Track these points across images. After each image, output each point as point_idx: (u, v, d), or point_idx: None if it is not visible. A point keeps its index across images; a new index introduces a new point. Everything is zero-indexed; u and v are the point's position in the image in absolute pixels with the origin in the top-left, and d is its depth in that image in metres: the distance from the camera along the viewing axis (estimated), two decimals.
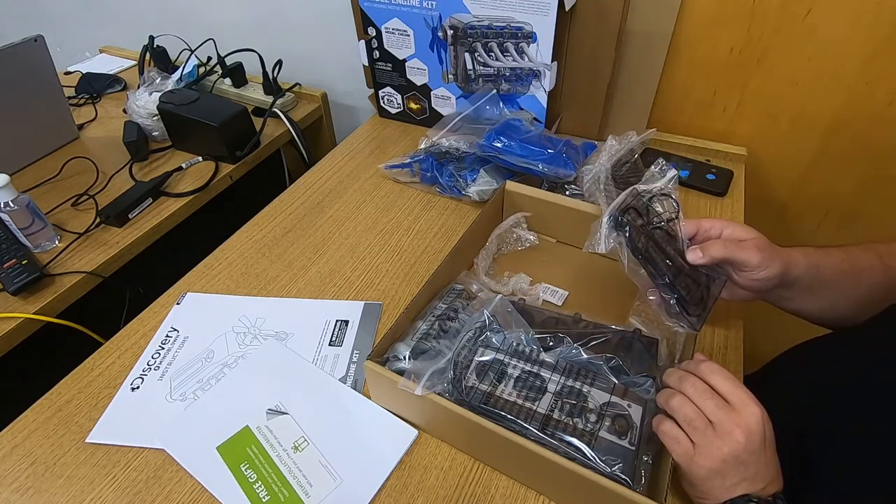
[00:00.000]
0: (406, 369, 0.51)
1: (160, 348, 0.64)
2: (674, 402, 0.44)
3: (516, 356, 0.54)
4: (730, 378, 0.43)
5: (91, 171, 0.94)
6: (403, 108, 1.01)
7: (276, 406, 0.57)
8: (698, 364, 0.45)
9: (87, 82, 1.19)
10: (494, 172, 0.79)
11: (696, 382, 0.44)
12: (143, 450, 0.54)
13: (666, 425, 0.44)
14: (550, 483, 0.48)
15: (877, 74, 0.76)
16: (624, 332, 0.57)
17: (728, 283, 0.55)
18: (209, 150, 0.97)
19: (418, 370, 0.50)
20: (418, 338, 0.56)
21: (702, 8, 0.80)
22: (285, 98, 1.11)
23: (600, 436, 0.47)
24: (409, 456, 0.53)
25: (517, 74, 0.85)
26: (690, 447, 0.42)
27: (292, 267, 0.74)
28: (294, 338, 0.64)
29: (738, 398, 0.42)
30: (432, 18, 0.85)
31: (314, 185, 0.89)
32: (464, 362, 0.53)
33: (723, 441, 0.41)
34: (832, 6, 0.73)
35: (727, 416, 0.41)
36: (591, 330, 0.57)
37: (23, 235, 0.76)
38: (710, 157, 0.87)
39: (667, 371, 0.48)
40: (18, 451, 0.55)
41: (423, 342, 0.56)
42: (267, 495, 0.50)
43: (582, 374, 0.52)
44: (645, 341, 0.56)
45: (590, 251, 0.53)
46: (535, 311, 0.61)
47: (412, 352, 0.54)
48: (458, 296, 0.62)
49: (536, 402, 0.50)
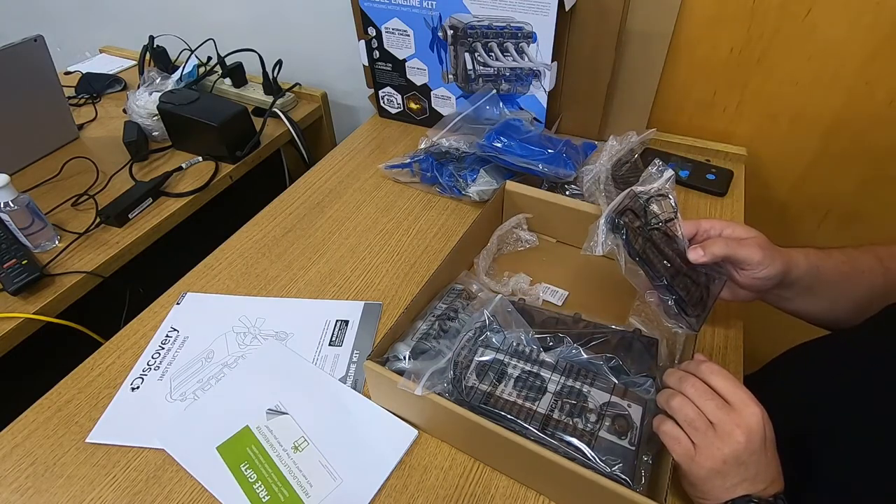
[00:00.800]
0: (406, 369, 0.51)
1: (160, 348, 0.64)
2: (674, 402, 0.44)
3: (516, 356, 0.54)
4: (730, 379, 0.44)
5: (91, 171, 0.94)
6: (403, 108, 1.01)
7: (276, 406, 0.57)
8: (699, 365, 0.45)
9: (87, 82, 1.19)
10: (494, 172, 0.79)
11: (696, 383, 0.44)
12: (143, 450, 0.54)
13: (667, 425, 0.44)
14: (550, 483, 0.48)
15: (877, 74, 0.76)
16: (624, 332, 0.57)
17: (728, 283, 0.55)
18: (209, 150, 0.97)
19: (418, 370, 0.50)
20: (418, 338, 0.56)
21: (702, 8, 0.80)
22: (285, 98, 1.11)
23: (600, 436, 0.47)
24: (409, 456, 0.53)
25: (517, 74, 0.85)
26: (691, 447, 0.42)
27: (292, 267, 0.74)
28: (294, 338, 0.64)
29: (739, 399, 0.42)
30: (432, 18, 0.85)
31: (314, 185, 0.89)
32: (464, 362, 0.53)
33: (723, 442, 0.41)
34: (832, 6, 0.73)
35: (728, 417, 0.41)
36: (591, 330, 0.57)
37: (23, 235, 0.76)
38: (710, 157, 0.87)
39: (667, 371, 0.48)
40: (18, 451, 0.55)
41: (423, 342, 0.56)
42: (267, 495, 0.50)
43: (582, 374, 0.52)
44: (645, 341, 0.56)
45: (587, 254, 0.53)
46: (535, 311, 0.61)
47: (412, 352, 0.54)
48: (458, 296, 0.62)
49: (536, 402, 0.50)
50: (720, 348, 0.61)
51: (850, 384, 0.51)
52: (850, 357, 0.54)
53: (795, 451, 0.47)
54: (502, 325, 0.56)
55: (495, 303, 0.56)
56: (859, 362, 0.52)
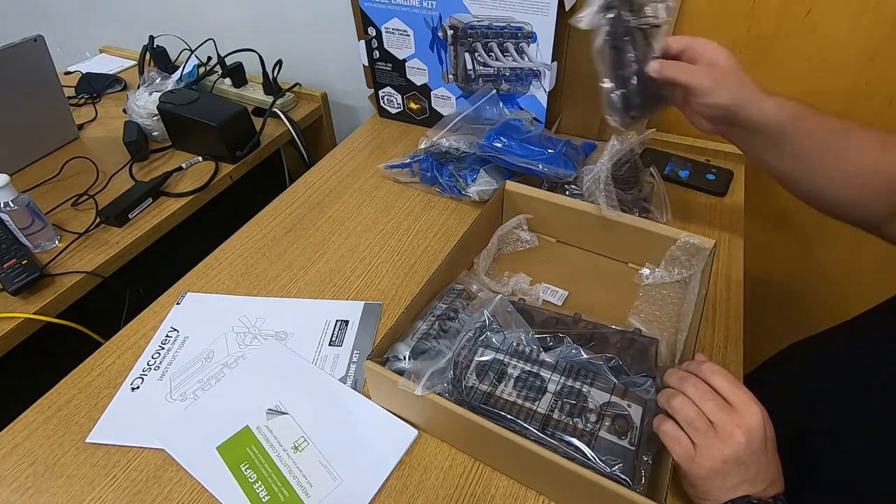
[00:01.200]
0: (406, 369, 0.51)
1: (160, 348, 0.64)
2: (675, 402, 0.44)
3: (516, 356, 0.54)
4: (731, 379, 0.44)
5: (91, 171, 0.94)
6: (403, 108, 1.01)
7: (276, 406, 0.57)
8: (699, 365, 0.45)
9: (87, 82, 1.19)
10: (494, 172, 0.79)
11: (697, 383, 0.44)
12: (143, 450, 0.54)
13: (667, 425, 0.44)
14: (550, 483, 0.48)
15: (877, 74, 0.76)
16: (624, 331, 0.57)
17: (687, 106, 0.57)
18: (209, 150, 0.97)
19: (418, 370, 0.50)
20: (418, 338, 0.56)
21: (702, 8, 0.80)
22: (285, 98, 1.11)
23: (600, 436, 0.47)
24: (409, 456, 0.53)
25: (517, 74, 0.85)
26: (691, 447, 0.42)
27: (292, 267, 0.74)
28: (294, 338, 0.64)
29: (740, 399, 0.42)
30: (432, 18, 0.85)
31: (314, 185, 0.89)
32: (464, 362, 0.53)
33: (723, 442, 0.41)
34: (832, 6, 0.73)
35: (728, 417, 0.41)
36: (591, 330, 0.57)
37: (23, 235, 0.76)
38: (710, 157, 0.87)
39: (668, 371, 0.48)
40: (18, 451, 0.55)
41: (423, 342, 0.56)
42: (267, 495, 0.50)
43: (582, 374, 0.52)
44: (645, 341, 0.56)
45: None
46: (535, 311, 0.61)
47: (412, 352, 0.54)
48: (458, 296, 0.62)
49: (536, 402, 0.50)
50: (720, 347, 0.61)
51: (850, 383, 0.51)
52: (850, 354, 0.54)
53: (795, 451, 0.47)
54: (502, 325, 0.56)
55: (495, 303, 0.56)
56: (860, 360, 0.52)
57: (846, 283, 0.99)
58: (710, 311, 0.65)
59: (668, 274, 0.66)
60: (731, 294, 0.67)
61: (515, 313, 0.56)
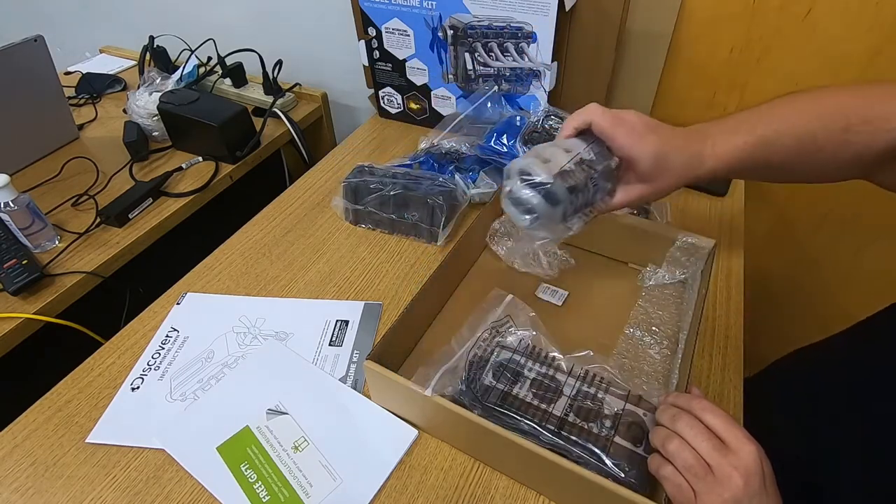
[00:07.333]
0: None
1: (160, 348, 0.64)
2: (671, 447, 0.42)
3: (531, 358, 0.54)
4: (723, 416, 0.42)
5: (91, 171, 0.94)
6: (403, 108, 1.01)
7: (276, 406, 0.57)
8: (691, 401, 0.44)
9: (87, 82, 1.19)
10: (494, 174, 0.79)
11: (690, 421, 0.43)
12: (143, 450, 0.54)
13: (666, 470, 0.43)
14: (551, 484, 0.48)
15: (877, 74, 0.76)
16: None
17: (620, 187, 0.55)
18: (209, 150, 0.97)
19: (428, 371, 0.50)
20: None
21: (702, 8, 0.80)
22: (285, 98, 1.11)
23: (615, 442, 0.47)
24: (409, 456, 0.53)
25: (517, 74, 0.85)
26: (692, 495, 0.41)
27: (292, 267, 0.74)
28: (294, 338, 0.64)
29: (734, 437, 0.41)
30: (432, 18, 0.85)
31: (314, 185, 0.89)
32: (479, 363, 0.53)
33: (723, 487, 0.40)
34: (832, 6, 0.73)
35: (724, 459, 0.40)
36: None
37: (23, 235, 0.76)
38: None
39: (660, 408, 0.46)
40: (18, 451, 0.55)
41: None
42: (267, 495, 0.50)
43: (597, 380, 0.52)
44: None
45: None
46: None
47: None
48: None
49: (552, 404, 0.50)
50: (720, 348, 0.61)
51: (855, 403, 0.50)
52: (848, 359, 0.54)
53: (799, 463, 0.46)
54: (518, 325, 0.56)
55: (507, 302, 0.56)
56: (860, 362, 0.51)
57: (846, 281, 0.99)
58: (710, 310, 0.65)
59: (669, 274, 0.66)
60: (731, 294, 0.67)
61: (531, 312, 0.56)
